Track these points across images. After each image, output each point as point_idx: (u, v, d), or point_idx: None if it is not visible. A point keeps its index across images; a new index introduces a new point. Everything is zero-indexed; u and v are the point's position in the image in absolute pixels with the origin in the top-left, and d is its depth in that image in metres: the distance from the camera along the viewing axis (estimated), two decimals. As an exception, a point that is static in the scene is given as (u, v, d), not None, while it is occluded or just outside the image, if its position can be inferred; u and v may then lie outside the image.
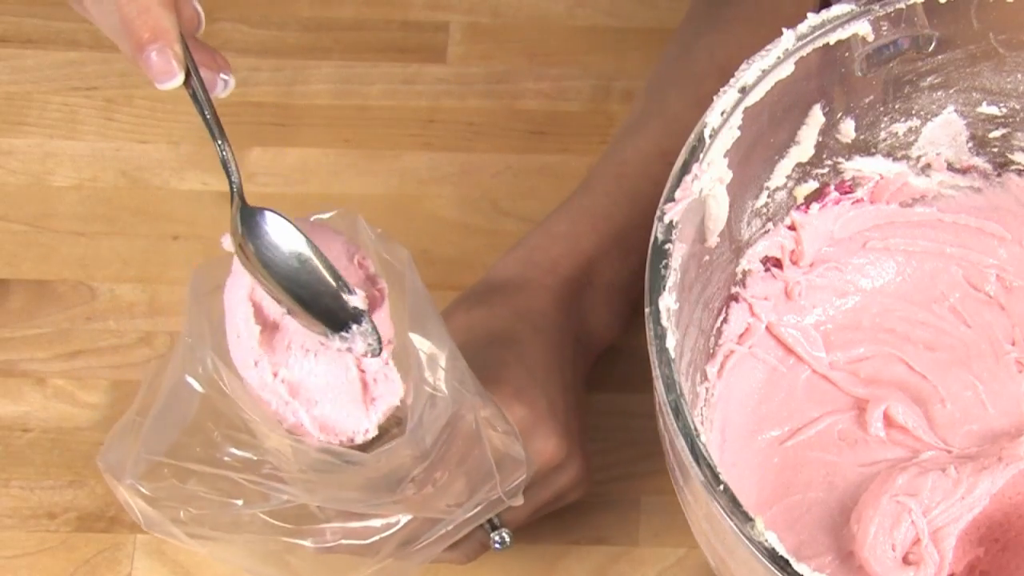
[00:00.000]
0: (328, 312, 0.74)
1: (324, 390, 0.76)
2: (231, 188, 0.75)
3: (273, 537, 0.78)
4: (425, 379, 0.77)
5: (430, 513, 0.78)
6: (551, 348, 0.87)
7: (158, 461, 0.78)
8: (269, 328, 0.77)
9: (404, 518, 0.78)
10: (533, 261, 0.90)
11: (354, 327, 0.75)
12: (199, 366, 0.76)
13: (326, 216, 0.80)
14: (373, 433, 0.76)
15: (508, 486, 0.79)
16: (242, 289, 0.76)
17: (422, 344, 0.77)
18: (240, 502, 0.78)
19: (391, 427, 0.77)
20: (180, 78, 0.72)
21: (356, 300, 0.74)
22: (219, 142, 0.75)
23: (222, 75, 0.76)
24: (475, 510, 0.79)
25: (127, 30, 0.71)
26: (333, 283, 0.74)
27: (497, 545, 0.84)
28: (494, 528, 0.84)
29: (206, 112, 0.74)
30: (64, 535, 0.92)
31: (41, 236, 1.03)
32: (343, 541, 0.78)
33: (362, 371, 0.77)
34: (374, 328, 0.75)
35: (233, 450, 0.77)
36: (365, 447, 0.76)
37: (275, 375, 0.75)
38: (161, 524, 0.78)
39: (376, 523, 0.78)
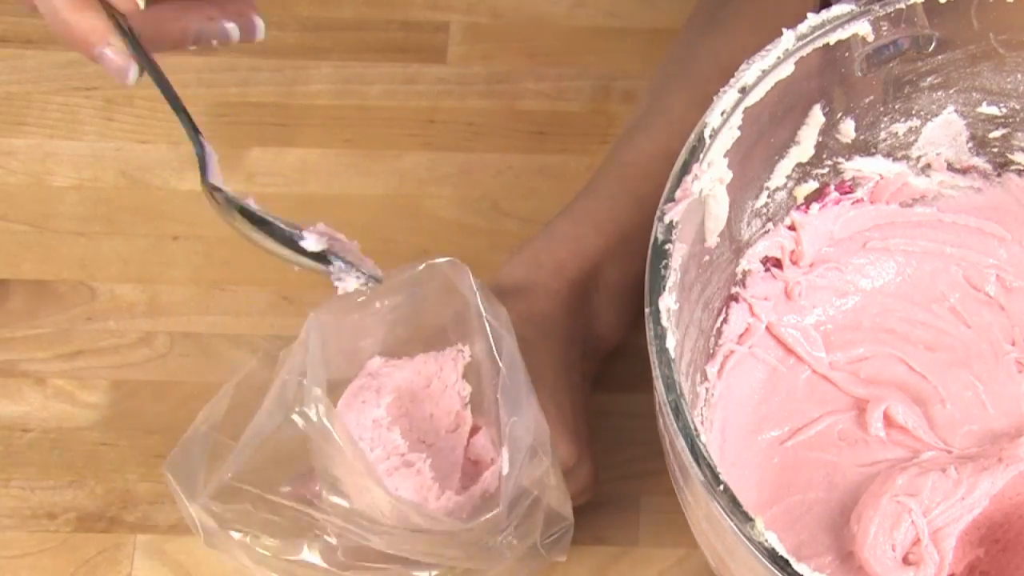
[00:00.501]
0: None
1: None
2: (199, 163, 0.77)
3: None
4: (520, 473, 0.80)
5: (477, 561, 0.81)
6: (559, 352, 0.87)
7: (240, 487, 0.81)
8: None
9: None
10: (538, 264, 0.90)
11: (337, 262, 0.76)
12: (310, 408, 0.77)
13: (438, 262, 0.83)
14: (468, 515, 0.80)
15: (546, 539, 0.82)
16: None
17: (517, 430, 0.80)
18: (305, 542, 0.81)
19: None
20: (133, 72, 0.72)
21: (310, 243, 0.76)
22: (191, 131, 0.77)
23: (253, 19, 0.76)
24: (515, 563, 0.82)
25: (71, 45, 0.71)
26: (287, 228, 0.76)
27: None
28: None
29: (165, 90, 0.76)
30: (64, 535, 0.92)
31: (41, 236, 1.03)
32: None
33: (467, 458, 0.83)
34: (351, 264, 0.76)
35: (328, 495, 0.80)
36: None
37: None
38: (224, 543, 0.80)
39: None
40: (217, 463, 0.81)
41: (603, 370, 0.94)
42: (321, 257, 0.75)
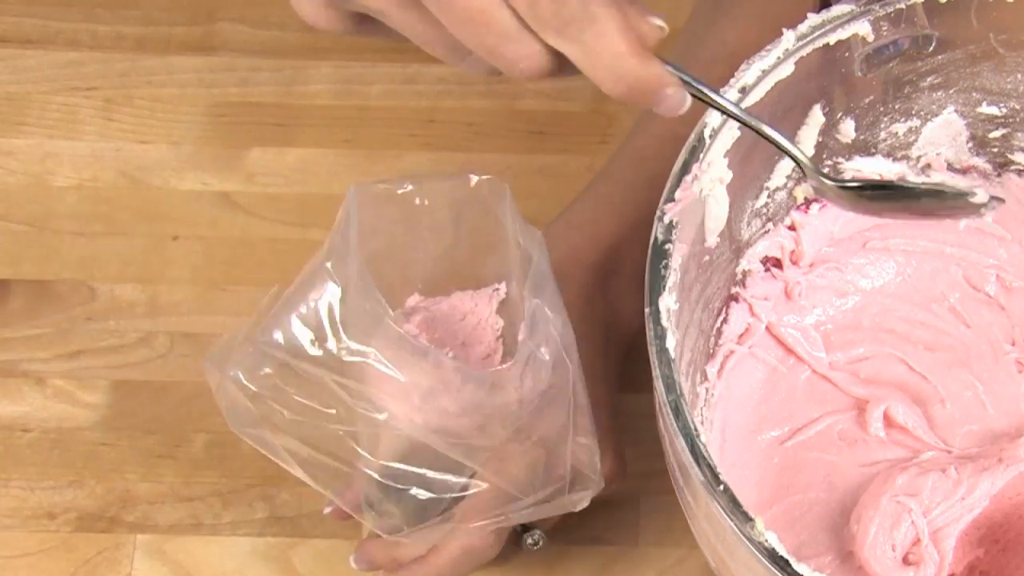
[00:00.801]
0: None
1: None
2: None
3: (347, 463, 0.80)
4: (532, 337, 0.80)
5: (502, 483, 0.81)
6: (581, 340, 0.87)
7: (267, 353, 0.79)
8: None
9: (476, 488, 0.81)
10: (555, 250, 0.90)
11: None
12: (346, 268, 0.77)
13: (480, 179, 0.82)
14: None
15: (575, 493, 0.82)
16: None
17: (532, 304, 0.80)
18: (333, 411, 0.79)
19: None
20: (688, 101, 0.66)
21: None
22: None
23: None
24: (541, 504, 0.82)
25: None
26: None
27: (531, 546, 0.85)
28: (527, 530, 0.85)
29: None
30: (64, 535, 0.92)
31: (41, 236, 1.03)
32: (416, 491, 0.81)
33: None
34: None
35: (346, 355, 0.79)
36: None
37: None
38: (250, 423, 0.79)
39: (453, 480, 0.81)
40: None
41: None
42: None
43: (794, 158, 0.69)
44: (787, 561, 0.65)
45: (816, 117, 0.79)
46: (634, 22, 0.62)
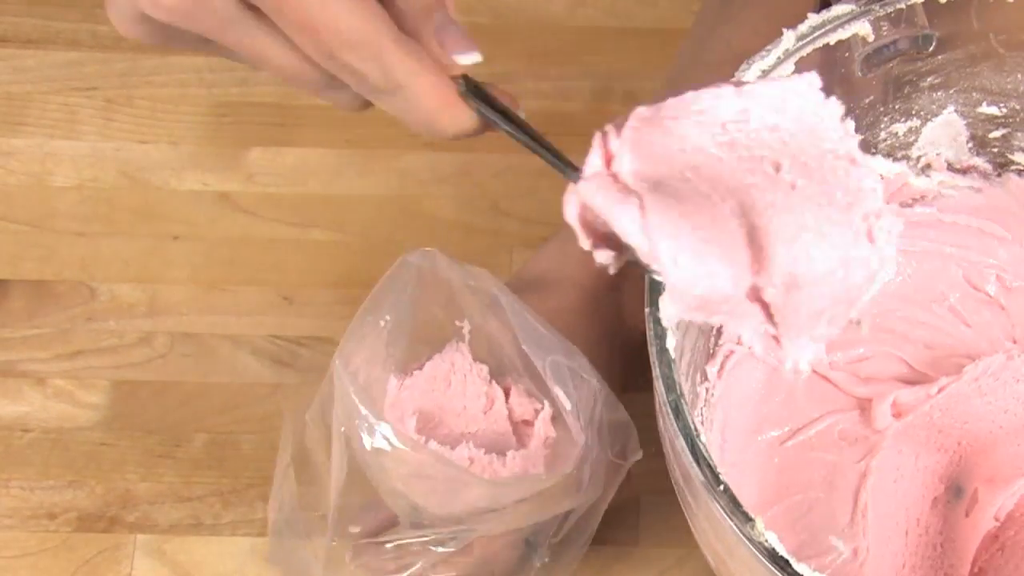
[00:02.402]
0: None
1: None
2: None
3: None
4: (578, 403, 0.82)
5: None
6: (586, 352, 0.87)
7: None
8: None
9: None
10: (564, 254, 0.90)
11: None
12: (381, 439, 0.78)
13: (408, 259, 0.84)
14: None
15: (615, 449, 0.83)
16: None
17: (554, 369, 0.82)
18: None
19: None
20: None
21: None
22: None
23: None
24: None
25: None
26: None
27: (536, 561, 0.86)
28: (530, 547, 0.86)
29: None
30: (64, 535, 0.92)
31: (41, 236, 1.03)
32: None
33: (514, 422, 0.84)
34: None
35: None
36: None
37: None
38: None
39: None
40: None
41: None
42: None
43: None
44: (787, 561, 0.65)
45: (816, 117, 0.79)
46: (439, 77, 0.64)
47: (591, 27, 1.10)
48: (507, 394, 0.85)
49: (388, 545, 0.82)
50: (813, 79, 0.61)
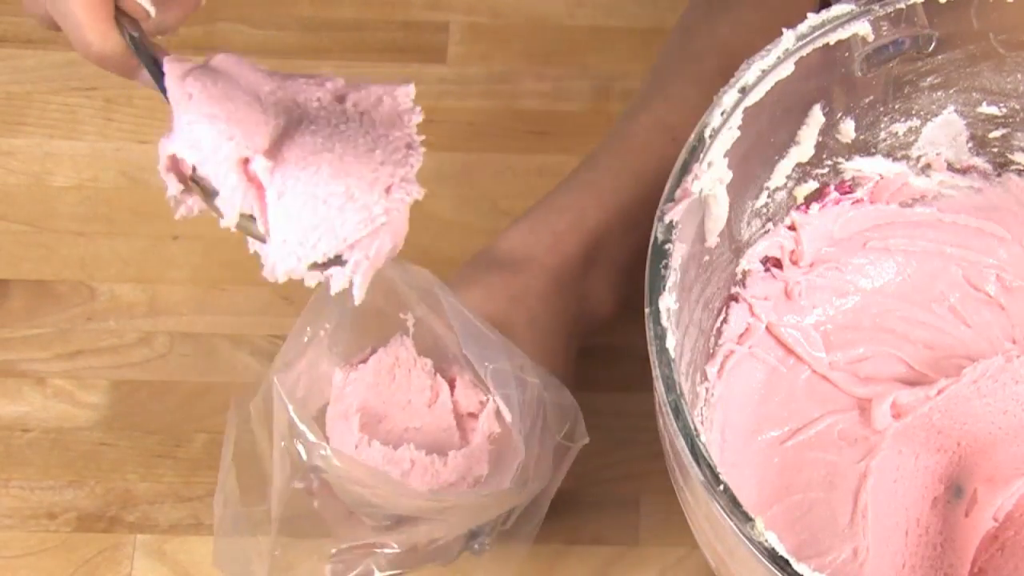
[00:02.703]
0: None
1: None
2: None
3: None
4: (521, 411, 0.82)
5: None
6: (544, 338, 0.87)
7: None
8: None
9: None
10: (536, 233, 0.90)
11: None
12: (321, 462, 0.79)
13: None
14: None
15: (562, 433, 0.83)
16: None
17: (497, 377, 0.82)
18: None
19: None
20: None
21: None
22: None
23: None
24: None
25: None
26: None
27: (478, 550, 0.85)
28: (474, 536, 0.85)
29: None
30: (64, 535, 0.92)
31: (41, 236, 1.03)
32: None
33: (459, 414, 0.84)
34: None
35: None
36: None
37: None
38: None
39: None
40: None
41: (603, 370, 0.94)
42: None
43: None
44: (787, 561, 0.65)
45: (816, 117, 0.79)
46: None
47: (591, 27, 1.10)
48: (452, 386, 0.85)
49: (332, 550, 0.82)
50: (410, 90, 0.69)
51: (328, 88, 0.69)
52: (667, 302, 0.70)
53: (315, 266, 0.67)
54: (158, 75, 0.69)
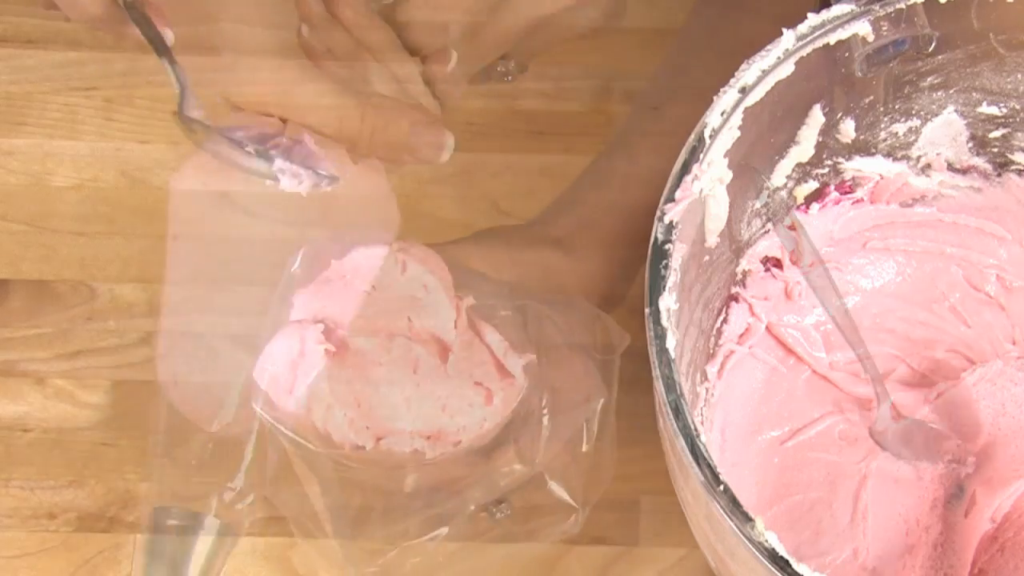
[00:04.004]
0: None
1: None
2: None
3: None
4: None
5: None
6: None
7: None
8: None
9: None
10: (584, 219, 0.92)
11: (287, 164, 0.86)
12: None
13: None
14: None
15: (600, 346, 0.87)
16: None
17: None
18: None
19: None
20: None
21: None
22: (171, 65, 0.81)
23: None
24: None
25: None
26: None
27: (498, 515, 0.87)
28: (497, 503, 0.86)
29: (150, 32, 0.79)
30: (64, 535, 0.92)
31: (41, 236, 1.03)
32: None
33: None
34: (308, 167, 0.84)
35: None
36: None
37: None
38: None
39: None
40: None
41: (601, 371, 0.94)
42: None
43: None
44: (787, 561, 0.65)
45: (816, 117, 0.79)
46: None
47: (591, 27, 1.10)
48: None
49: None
50: None
51: None
52: (667, 302, 0.70)
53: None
54: (146, 27, 0.70)
